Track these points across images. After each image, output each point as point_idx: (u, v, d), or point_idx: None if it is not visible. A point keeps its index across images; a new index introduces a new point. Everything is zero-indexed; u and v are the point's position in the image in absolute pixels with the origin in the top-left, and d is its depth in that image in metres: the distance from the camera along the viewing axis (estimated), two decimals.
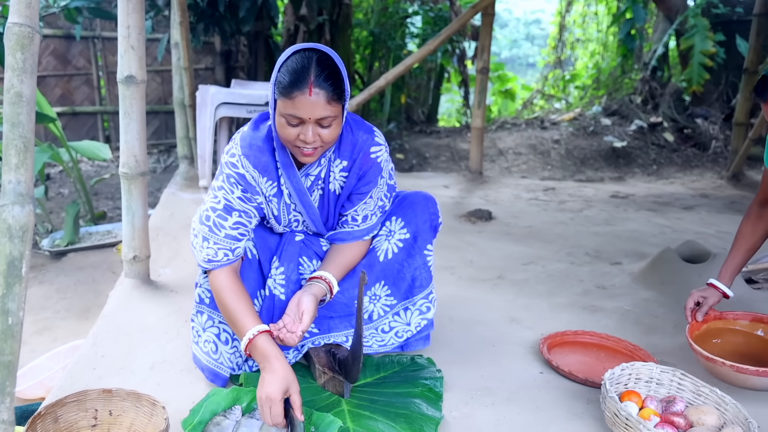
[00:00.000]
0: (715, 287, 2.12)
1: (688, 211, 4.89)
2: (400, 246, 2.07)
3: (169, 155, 7.42)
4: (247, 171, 1.89)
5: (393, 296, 2.11)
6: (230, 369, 2.03)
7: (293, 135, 1.75)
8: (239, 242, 1.93)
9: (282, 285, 2.02)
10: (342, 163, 1.95)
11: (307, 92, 1.68)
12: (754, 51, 5.71)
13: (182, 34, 4.72)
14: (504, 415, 1.92)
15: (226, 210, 1.90)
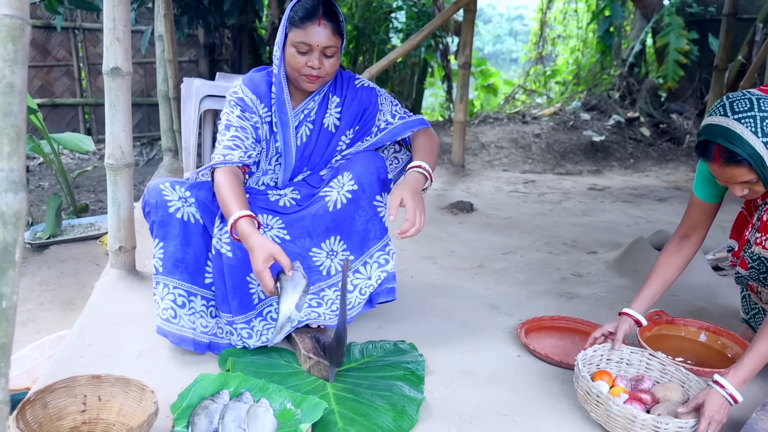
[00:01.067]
0: (629, 315, 2.08)
1: (661, 202, 5.01)
2: (348, 197, 2.14)
3: (151, 148, 7.41)
4: (246, 95, 2.17)
5: (349, 250, 2.17)
6: (191, 329, 2.12)
7: (302, 63, 2.06)
8: (233, 151, 2.10)
9: (227, 243, 2.12)
10: (336, 98, 2.25)
11: (317, 22, 2.02)
12: (724, 49, 5.85)
13: (167, 26, 4.74)
14: (483, 396, 1.99)
15: (226, 127, 2.15)
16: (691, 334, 2.33)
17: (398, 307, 2.64)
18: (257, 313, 2.19)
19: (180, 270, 2.13)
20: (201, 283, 2.17)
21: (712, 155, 1.75)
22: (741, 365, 1.75)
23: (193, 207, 2.15)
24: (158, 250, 2.13)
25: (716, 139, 1.72)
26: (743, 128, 1.68)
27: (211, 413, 1.76)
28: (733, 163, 1.72)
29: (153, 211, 2.12)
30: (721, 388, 1.73)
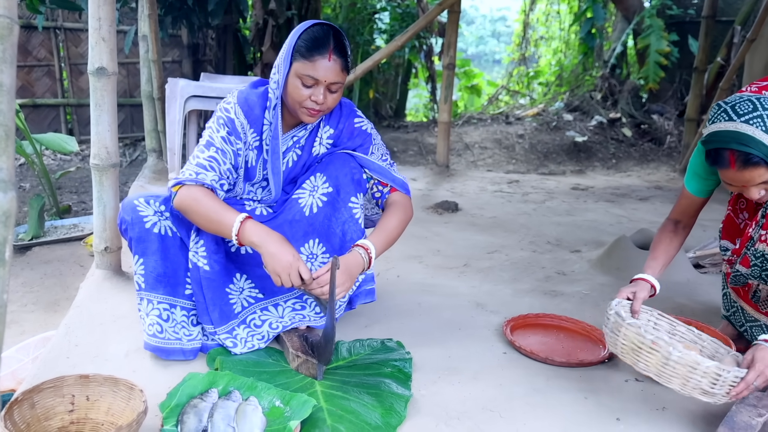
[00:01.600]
0: (645, 280, 2.06)
1: (643, 201, 5.08)
2: (324, 200, 2.13)
3: (135, 149, 7.37)
4: (238, 118, 2.07)
5: (328, 252, 2.17)
6: (177, 340, 2.12)
7: (305, 96, 1.97)
8: (207, 171, 1.99)
9: (204, 256, 2.12)
10: (330, 130, 2.18)
11: (327, 57, 1.93)
12: (703, 51, 5.94)
13: (151, 26, 4.72)
14: (470, 392, 2.02)
15: (207, 144, 2.06)
16: None
17: (385, 306, 2.66)
18: (240, 321, 2.19)
19: (162, 284, 2.13)
20: (181, 294, 2.17)
21: (727, 161, 1.73)
22: None
23: (169, 221, 2.13)
24: (139, 266, 2.12)
25: (728, 144, 1.70)
26: (754, 129, 1.67)
27: (200, 412, 1.76)
28: (750, 166, 1.70)
29: (129, 228, 2.10)
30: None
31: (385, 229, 2.13)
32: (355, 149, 2.19)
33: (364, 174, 2.19)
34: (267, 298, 2.22)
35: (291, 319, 2.19)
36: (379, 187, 2.22)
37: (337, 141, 2.19)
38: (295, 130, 2.15)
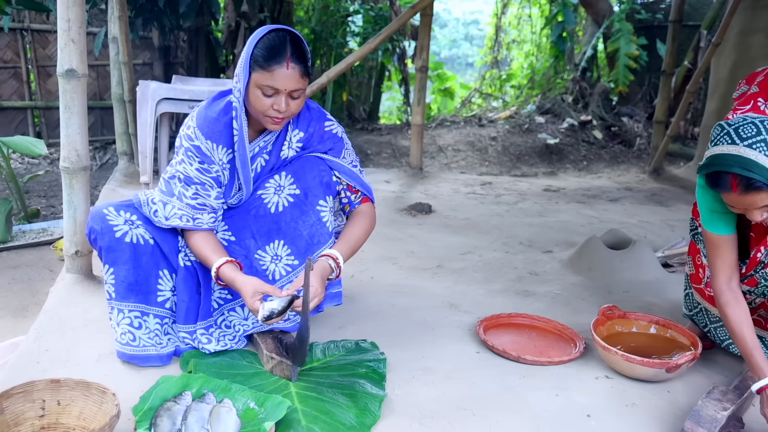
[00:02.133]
0: None
1: (613, 202, 5.15)
2: (290, 201, 2.12)
3: (105, 152, 7.29)
4: (201, 142, 2.06)
5: (293, 255, 2.16)
6: (153, 347, 2.12)
7: (267, 105, 1.95)
8: (200, 214, 2.08)
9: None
10: (299, 133, 2.15)
11: (285, 66, 1.90)
12: (671, 54, 6.05)
13: (121, 28, 4.68)
14: (443, 391, 2.04)
15: (186, 182, 2.06)
16: (642, 328, 2.40)
17: (359, 308, 2.67)
18: (214, 320, 2.20)
19: (134, 293, 2.12)
20: (153, 301, 2.16)
21: (729, 185, 1.71)
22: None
23: (141, 228, 2.12)
24: (109, 276, 2.10)
25: (731, 168, 1.68)
26: (757, 153, 1.66)
27: (173, 414, 1.75)
28: (752, 190, 1.69)
29: (99, 238, 2.08)
30: None
31: (350, 239, 2.14)
32: (326, 152, 2.18)
33: (334, 177, 2.18)
34: (235, 299, 2.21)
35: (254, 322, 2.19)
36: (347, 193, 2.22)
37: (307, 144, 2.17)
38: (262, 136, 2.14)
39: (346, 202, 2.24)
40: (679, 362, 2.05)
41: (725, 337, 2.23)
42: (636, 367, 2.09)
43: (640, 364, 2.08)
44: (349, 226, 2.19)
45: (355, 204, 2.23)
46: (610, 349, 2.12)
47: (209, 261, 2.04)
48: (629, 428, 1.88)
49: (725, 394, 1.83)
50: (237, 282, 1.97)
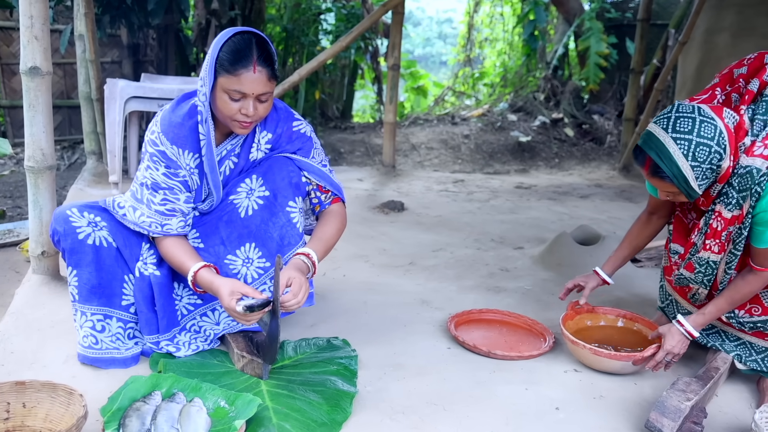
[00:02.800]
0: (598, 274, 2.34)
1: (584, 199, 5.21)
2: (260, 203, 2.11)
3: (73, 151, 7.17)
4: (167, 148, 2.02)
5: (264, 257, 2.14)
6: (115, 350, 2.10)
7: (234, 109, 1.92)
8: (169, 219, 2.04)
9: (154, 263, 2.11)
10: (267, 134, 2.13)
11: (251, 70, 1.87)
12: (639, 53, 6.13)
13: (88, 25, 4.61)
14: (414, 387, 2.05)
15: (154, 187, 2.03)
16: (609, 322, 2.44)
17: (332, 305, 2.67)
18: (181, 327, 2.18)
19: (97, 296, 2.09)
20: (118, 305, 2.13)
21: (643, 163, 1.88)
22: (701, 313, 2.01)
23: (105, 231, 2.09)
24: (72, 277, 2.08)
25: (650, 151, 1.83)
26: (676, 148, 1.78)
27: (142, 415, 1.74)
28: (657, 177, 1.85)
29: (62, 239, 2.06)
30: (680, 326, 2.01)
31: (322, 238, 2.13)
32: (295, 152, 2.16)
33: (303, 178, 2.17)
34: (206, 303, 2.19)
35: (225, 325, 2.18)
36: (317, 193, 2.21)
37: (276, 145, 2.15)
38: (229, 139, 2.11)
39: (317, 203, 2.22)
40: (645, 354, 2.08)
41: None
42: (604, 360, 2.13)
43: (607, 357, 2.11)
44: (320, 225, 2.18)
45: (325, 204, 2.22)
46: (578, 343, 2.15)
47: (185, 267, 2.00)
48: (597, 420, 1.91)
49: (689, 385, 1.87)
50: (215, 284, 1.94)
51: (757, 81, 1.94)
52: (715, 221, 1.94)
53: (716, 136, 1.77)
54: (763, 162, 1.79)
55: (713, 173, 1.82)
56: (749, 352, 2.09)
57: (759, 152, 1.80)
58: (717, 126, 1.78)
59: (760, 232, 1.86)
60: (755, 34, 5.28)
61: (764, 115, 1.88)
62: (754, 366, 2.09)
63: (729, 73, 2.07)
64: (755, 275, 1.93)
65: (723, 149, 1.78)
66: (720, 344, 2.13)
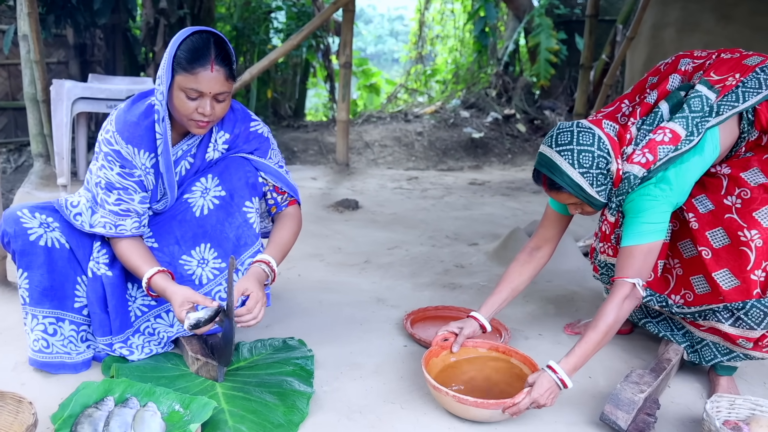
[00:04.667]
0: (476, 319, 2.13)
1: (537, 194, 5.30)
2: (216, 203, 2.10)
3: (20, 154, 6.97)
4: (122, 147, 1.97)
5: (220, 258, 2.13)
6: (66, 354, 2.06)
7: (191, 108, 1.90)
8: (123, 220, 2.00)
9: (106, 263, 2.08)
10: (225, 135, 2.11)
11: (209, 68, 1.85)
12: (588, 48, 6.25)
13: (31, 25, 4.48)
14: (371, 385, 2.06)
15: (108, 187, 1.99)
16: (480, 356, 2.14)
17: (287, 305, 2.66)
18: (134, 330, 2.15)
19: (49, 298, 2.05)
20: (70, 307, 2.09)
21: (540, 181, 1.97)
22: (573, 353, 1.83)
23: (57, 231, 2.05)
24: (23, 280, 2.03)
25: (542, 168, 1.93)
26: (562, 160, 1.88)
27: (95, 421, 1.71)
28: (554, 190, 1.93)
29: (12, 241, 2.01)
30: (553, 373, 1.81)
31: (279, 243, 2.12)
32: (251, 152, 2.15)
33: (260, 178, 2.16)
34: (160, 305, 2.17)
35: (180, 328, 2.16)
36: (274, 194, 2.20)
37: (233, 145, 2.14)
38: (186, 139, 2.09)
39: (273, 203, 2.21)
40: (517, 402, 1.79)
41: (641, 316, 2.32)
42: (470, 409, 1.83)
43: (473, 406, 1.81)
44: (277, 229, 2.17)
45: (282, 206, 2.21)
46: (440, 390, 1.84)
47: (139, 271, 1.98)
48: (552, 415, 1.94)
49: (642, 377, 1.93)
50: (168, 292, 1.93)
51: (656, 93, 2.03)
52: (604, 225, 2.10)
53: (596, 142, 1.87)
54: (640, 169, 1.88)
55: (605, 177, 1.90)
56: (690, 343, 2.15)
57: (637, 160, 1.90)
58: (595, 133, 1.88)
59: (625, 226, 1.93)
60: (699, 29, 5.45)
61: (650, 126, 1.97)
62: (694, 359, 2.13)
63: (644, 81, 2.15)
64: (618, 288, 1.86)
65: (606, 153, 1.87)
66: (671, 335, 2.18)
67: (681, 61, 2.09)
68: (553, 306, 2.77)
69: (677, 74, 2.05)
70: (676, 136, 1.88)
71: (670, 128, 1.90)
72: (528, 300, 2.82)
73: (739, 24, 5.22)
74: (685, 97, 1.96)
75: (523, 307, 2.74)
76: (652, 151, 1.88)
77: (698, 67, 2.04)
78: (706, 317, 2.02)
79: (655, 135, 1.91)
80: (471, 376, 2.10)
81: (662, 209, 1.89)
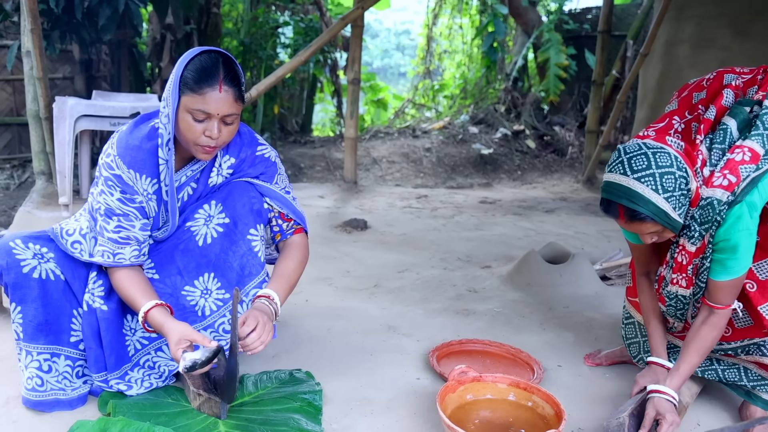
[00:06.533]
0: (661, 365, 2.00)
1: (549, 214, 5.18)
2: (220, 231, 2.00)
3: (24, 170, 6.91)
4: (123, 172, 1.89)
5: (224, 288, 2.03)
6: (61, 390, 1.96)
7: (198, 131, 1.81)
8: (122, 248, 1.91)
9: (101, 296, 1.97)
10: (230, 159, 2.02)
11: (217, 89, 1.78)
12: (600, 64, 6.17)
13: (34, 42, 4.41)
14: (383, 423, 1.94)
15: (108, 213, 1.90)
16: (499, 394, 2.01)
17: (294, 333, 2.55)
18: (133, 364, 2.04)
19: (44, 333, 1.94)
20: (66, 341, 1.99)
21: (617, 213, 1.79)
22: (677, 374, 1.88)
23: (52, 263, 1.96)
24: (17, 314, 1.93)
25: (619, 199, 1.75)
26: (644, 187, 1.71)
27: None
28: (637, 221, 1.75)
29: (5, 273, 1.91)
30: (664, 395, 1.85)
31: (284, 275, 2.02)
32: (257, 177, 2.05)
33: (265, 204, 2.06)
34: (160, 337, 2.06)
35: None
36: (279, 221, 2.09)
37: (238, 169, 2.04)
38: (190, 165, 2.00)
39: (278, 231, 2.11)
40: None
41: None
42: None
43: None
44: (282, 260, 2.06)
45: (287, 234, 2.10)
46: (456, 430, 1.70)
47: (136, 303, 1.88)
48: None
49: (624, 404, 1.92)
50: (165, 328, 1.83)
51: (714, 109, 1.90)
52: (680, 255, 1.89)
53: (673, 162, 1.73)
54: (723, 192, 1.74)
55: (686, 198, 1.77)
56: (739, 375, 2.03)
57: (718, 183, 1.76)
58: (670, 153, 1.75)
59: (719, 262, 1.81)
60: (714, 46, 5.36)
61: (722, 144, 1.83)
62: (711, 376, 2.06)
63: (689, 97, 2.02)
64: (716, 315, 1.85)
65: (685, 172, 1.74)
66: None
67: (726, 76, 1.96)
68: (572, 334, 2.65)
69: (729, 89, 1.92)
70: (755, 155, 1.75)
71: (748, 146, 1.76)
72: (545, 328, 2.70)
73: (756, 40, 5.13)
74: (750, 113, 1.84)
75: (540, 336, 2.62)
76: (734, 172, 1.74)
77: (749, 83, 1.92)
78: (749, 352, 1.93)
79: (733, 155, 1.77)
80: (488, 415, 1.96)
81: (754, 238, 1.78)
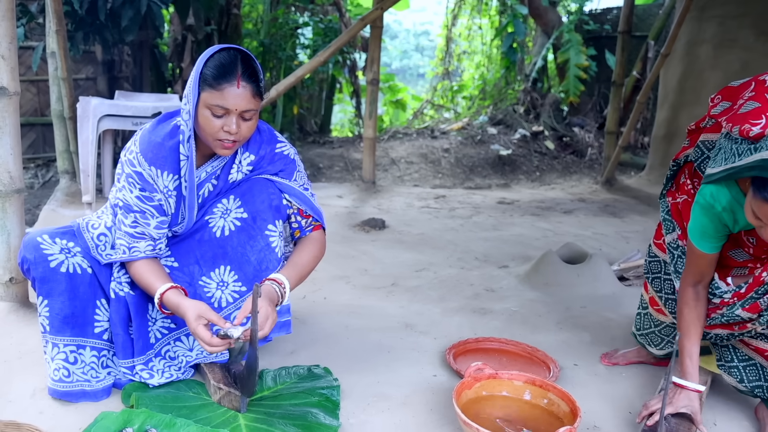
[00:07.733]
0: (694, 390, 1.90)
1: (567, 214, 5.17)
2: (237, 225, 2.03)
3: (48, 169, 7.03)
4: (144, 169, 1.94)
5: (240, 281, 2.06)
6: (86, 382, 2.01)
7: (217, 127, 1.85)
8: (138, 242, 1.96)
9: (128, 282, 2.04)
10: (250, 156, 2.05)
11: (235, 84, 1.81)
12: (620, 65, 6.13)
13: (59, 43, 4.50)
14: (400, 419, 1.96)
15: (126, 209, 1.95)
16: (514, 391, 2.02)
17: (312, 330, 2.58)
18: (156, 352, 2.09)
19: (70, 326, 1.99)
20: (91, 333, 2.04)
21: None
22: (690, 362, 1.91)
23: (79, 256, 2.01)
24: (43, 308, 1.98)
25: None
26: None
27: None
28: None
29: (33, 268, 1.96)
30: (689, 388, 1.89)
31: (297, 264, 2.05)
32: (276, 174, 2.08)
33: (284, 201, 2.09)
34: (179, 327, 2.10)
35: (199, 352, 2.09)
36: (298, 217, 2.12)
37: (257, 166, 2.07)
38: (210, 161, 2.03)
39: (297, 227, 2.14)
40: None
41: None
42: None
43: None
44: (297, 251, 2.10)
45: (306, 230, 2.14)
46: (472, 426, 1.71)
47: (152, 288, 1.93)
48: None
49: None
50: (181, 307, 1.86)
51: None
52: None
53: None
54: None
55: None
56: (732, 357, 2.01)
57: None
58: None
59: None
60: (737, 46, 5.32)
61: None
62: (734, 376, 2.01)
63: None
64: None
65: None
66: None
67: None
68: (588, 334, 2.66)
69: None
70: None
71: None
72: (561, 327, 2.71)
73: None
74: None
75: (557, 335, 2.63)
76: None
77: None
78: None
79: None
80: (504, 412, 1.97)
81: None
